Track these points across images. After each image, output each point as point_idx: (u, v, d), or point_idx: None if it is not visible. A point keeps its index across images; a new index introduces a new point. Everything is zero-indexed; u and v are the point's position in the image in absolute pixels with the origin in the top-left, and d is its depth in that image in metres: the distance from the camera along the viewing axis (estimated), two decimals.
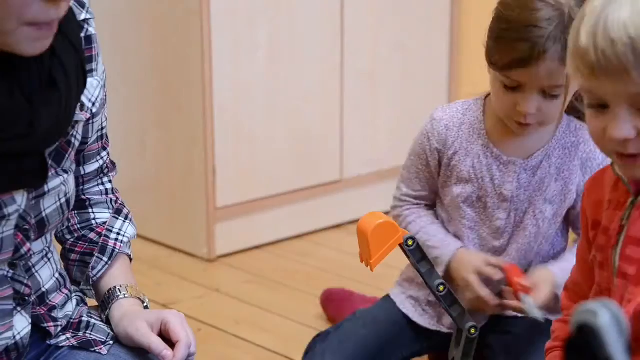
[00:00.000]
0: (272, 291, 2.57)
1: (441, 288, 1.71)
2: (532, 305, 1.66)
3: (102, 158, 1.38)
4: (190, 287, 2.60)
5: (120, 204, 1.43)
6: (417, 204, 1.83)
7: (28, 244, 1.21)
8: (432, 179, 1.79)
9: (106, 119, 1.36)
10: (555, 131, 1.70)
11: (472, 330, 1.73)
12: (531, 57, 1.53)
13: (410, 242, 1.63)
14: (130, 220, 1.42)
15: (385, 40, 3.05)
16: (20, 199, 1.18)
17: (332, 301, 2.37)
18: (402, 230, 1.58)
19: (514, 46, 1.54)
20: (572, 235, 1.82)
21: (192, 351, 1.28)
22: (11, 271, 1.21)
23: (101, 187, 1.41)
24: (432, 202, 1.82)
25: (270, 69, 2.80)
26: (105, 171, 1.41)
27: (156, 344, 1.26)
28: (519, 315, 1.77)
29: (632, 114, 1.08)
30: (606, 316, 0.83)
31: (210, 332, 2.32)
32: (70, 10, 1.19)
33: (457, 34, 3.27)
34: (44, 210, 1.22)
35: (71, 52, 1.17)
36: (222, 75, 2.68)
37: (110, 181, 1.42)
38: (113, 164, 1.44)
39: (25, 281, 1.23)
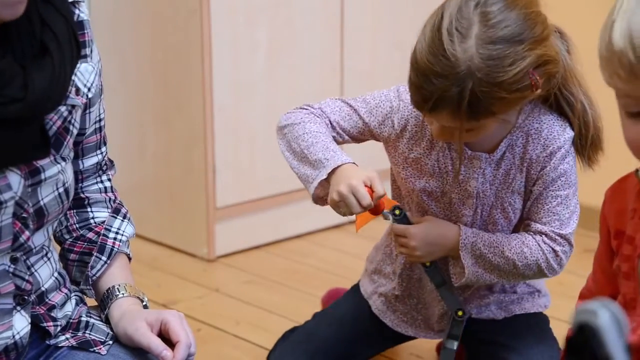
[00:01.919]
0: (272, 291, 2.57)
1: (427, 263, 1.72)
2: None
3: (101, 153, 1.39)
4: (190, 287, 2.60)
5: (118, 203, 1.43)
6: (332, 127, 1.71)
7: (27, 232, 1.21)
8: (364, 132, 1.73)
9: (104, 111, 1.37)
10: (517, 118, 1.62)
11: (460, 313, 1.74)
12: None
13: (397, 212, 1.65)
14: (129, 220, 1.42)
15: (385, 40, 3.05)
16: (16, 185, 1.18)
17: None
18: (389, 200, 1.59)
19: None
20: None
21: (192, 351, 1.27)
22: (12, 266, 1.21)
23: (100, 185, 1.41)
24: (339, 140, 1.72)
25: (270, 69, 2.79)
26: (104, 168, 1.41)
27: (156, 344, 1.26)
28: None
29: None
30: (606, 316, 0.82)
31: (210, 332, 2.32)
32: None
33: None
34: (42, 199, 1.22)
35: (60, 20, 1.19)
36: (222, 75, 2.68)
37: (109, 179, 1.43)
38: (112, 162, 1.44)
39: (27, 277, 1.23)
